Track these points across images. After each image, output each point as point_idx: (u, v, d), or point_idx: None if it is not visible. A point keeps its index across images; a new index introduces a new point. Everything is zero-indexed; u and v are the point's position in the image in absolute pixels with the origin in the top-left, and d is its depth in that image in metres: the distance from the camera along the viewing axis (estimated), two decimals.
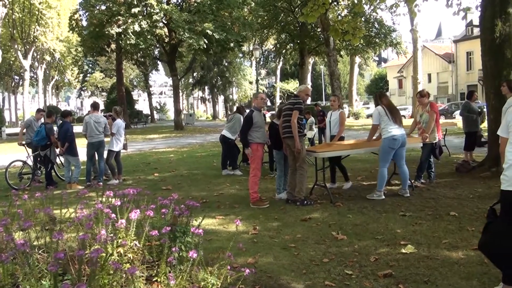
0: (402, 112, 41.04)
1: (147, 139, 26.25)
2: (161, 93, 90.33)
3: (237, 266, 4.05)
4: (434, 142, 8.26)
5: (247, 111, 8.25)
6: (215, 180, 9.90)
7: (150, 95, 60.21)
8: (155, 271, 3.66)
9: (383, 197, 7.14)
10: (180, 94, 53.67)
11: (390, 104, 7.42)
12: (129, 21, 26.82)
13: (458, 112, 26.96)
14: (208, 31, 27.05)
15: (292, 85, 55.62)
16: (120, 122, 10.10)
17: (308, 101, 33.39)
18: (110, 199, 4.65)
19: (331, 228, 5.68)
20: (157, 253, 3.87)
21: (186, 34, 26.96)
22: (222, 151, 11.02)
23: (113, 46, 33.76)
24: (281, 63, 52.96)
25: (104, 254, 3.36)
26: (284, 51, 41.25)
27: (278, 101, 54.08)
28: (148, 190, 6.30)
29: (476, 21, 9.96)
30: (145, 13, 28.04)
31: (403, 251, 4.67)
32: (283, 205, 7.10)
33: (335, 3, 30.95)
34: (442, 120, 30.66)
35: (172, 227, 3.86)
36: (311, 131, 13.79)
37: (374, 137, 7.62)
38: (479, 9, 9.72)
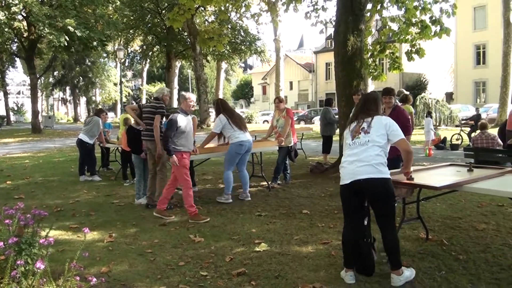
0: (265, 117, 43.03)
1: (1, 144, 24.00)
2: (18, 93, 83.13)
3: (90, 276, 3.87)
4: (289, 145, 8.68)
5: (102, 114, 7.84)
6: (72, 187, 9.36)
7: (6, 94, 54.96)
8: None
9: (231, 200, 7.22)
10: (39, 94, 49.89)
11: (232, 111, 7.59)
12: None
13: (317, 117, 28.80)
14: (70, 28, 25.47)
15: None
16: None
17: (175, 105, 33.11)
18: None
19: (189, 231, 5.69)
20: (1, 269, 3.55)
21: (46, 29, 25.08)
22: (80, 156, 10.47)
23: None
24: (147, 65, 51.87)
25: None
26: (150, 53, 40.48)
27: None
28: None
29: None
30: (3, 4, 25.62)
31: (257, 249, 4.84)
32: (142, 210, 6.94)
33: (202, 8, 31.15)
34: (302, 125, 32.56)
35: (18, 239, 3.57)
36: None
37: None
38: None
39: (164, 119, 7.32)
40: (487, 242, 4.98)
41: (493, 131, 10.26)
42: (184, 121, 6.41)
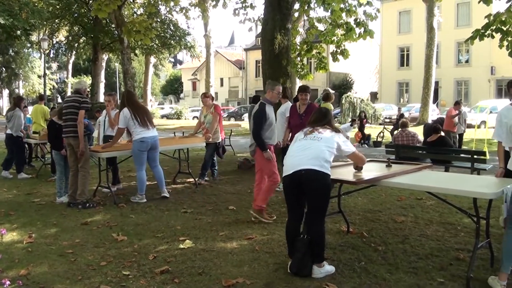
0: (195, 114, 42.73)
1: None
2: None
3: (6, 280, 3.67)
4: (217, 142, 8.66)
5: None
6: None
7: None
8: None
9: (145, 200, 7.01)
10: None
11: (137, 105, 7.11)
12: None
13: (246, 114, 28.96)
14: None
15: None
16: None
17: (101, 99, 32.10)
18: None
19: (112, 230, 5.54)
20: None
21: None
22: (8, 152, 9.83)
23: None
24: (73, 57, 49.87)
25: None
26: (76, 44, 38.90)
27: None
28: None
29: None
30: None
31: (182, 246, 4.81)
32: (64, 209, 6.66)
33: (131, 0, 30.40)
34: (232, 121, 32.67)
35: None
36: (97, 130, 13.24)
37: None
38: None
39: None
40: (405, 233, 5.24)
41: (414, 129, 10.82)
42: (271, 112, 6.00)
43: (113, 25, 33.15)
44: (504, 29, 9.14)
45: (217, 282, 3.90)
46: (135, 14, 33.74)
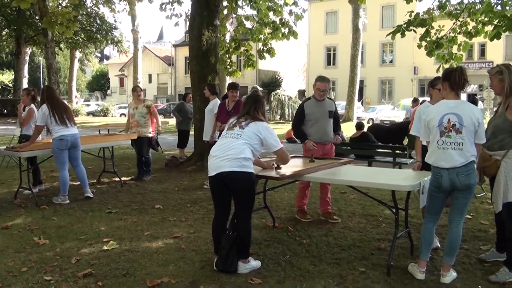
0: (122, 111, 41.58)
1: None
2: None
3: None
4: (149, 136, 8.47)
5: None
6: None
7: None
8: None
9: (68, 201, 6.76)
10: None
11: (56, 101, 6.78)
12: None
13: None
14: None
15: (7, 77, 49.84)
16: None
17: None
18: None
19: (34, 233, 5.30)
20: None
21: None
22: None
23: None
24: None
25: None
26: None
27: None
28: None
29: None
30: None
31: (105, 248, 4.70)
32: None
33: None
34: (161, 119, 32.04)
35: None
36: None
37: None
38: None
39: None
40: (329, 226, 5.42)
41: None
42: (313, 107, 5.85)
43: (37, 17, 31.65)
44: (425, 27, 9.72)
45: (142, 282, 3.85)
46: (60, 6, 32.40)
